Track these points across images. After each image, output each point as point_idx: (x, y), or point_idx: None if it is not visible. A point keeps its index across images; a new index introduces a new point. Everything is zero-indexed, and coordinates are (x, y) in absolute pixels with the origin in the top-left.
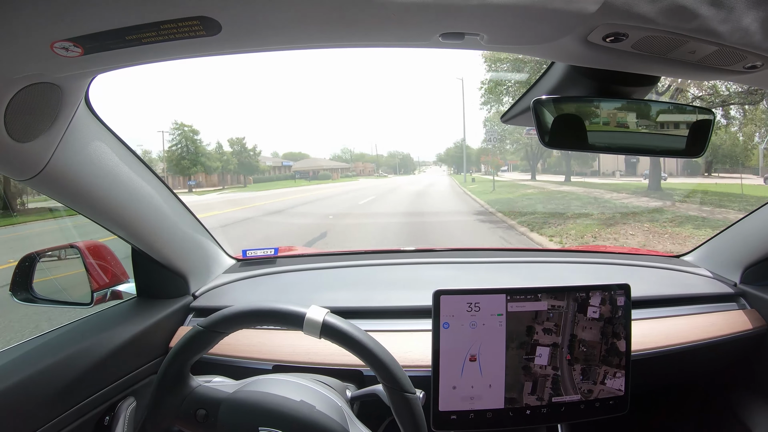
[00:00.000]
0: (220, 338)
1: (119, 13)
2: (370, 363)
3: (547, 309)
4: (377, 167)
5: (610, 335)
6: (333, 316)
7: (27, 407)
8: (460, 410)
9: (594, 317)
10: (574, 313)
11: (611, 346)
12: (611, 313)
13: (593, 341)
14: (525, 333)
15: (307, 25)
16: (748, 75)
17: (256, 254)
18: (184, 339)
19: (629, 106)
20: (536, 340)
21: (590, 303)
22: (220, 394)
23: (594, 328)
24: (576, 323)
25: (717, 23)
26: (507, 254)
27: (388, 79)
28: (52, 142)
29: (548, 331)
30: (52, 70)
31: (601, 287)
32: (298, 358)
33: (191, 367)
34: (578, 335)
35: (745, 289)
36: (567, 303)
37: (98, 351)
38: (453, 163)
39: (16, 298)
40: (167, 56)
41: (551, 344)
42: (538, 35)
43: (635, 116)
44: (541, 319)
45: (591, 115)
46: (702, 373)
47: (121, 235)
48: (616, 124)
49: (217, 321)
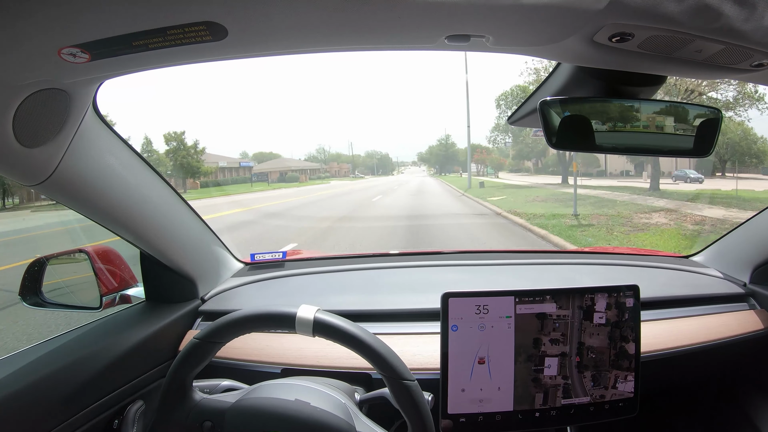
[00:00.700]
0: (218, 348)
1: (126, 19)
2: (365, 355)
3: (553, 318)
4: (353, 168)
5: (618, 339)
6: (324, 313)
7: (37, 410)
8: (469, 413)
9: (601, 323)
10: (580, 320)
11: (620, 349)
12: (618, 317)
13: (602, 347)
14: (532, 345)
15: (313, 29)
16: (755, 73)
17: (265, 258)
18: (183, 353)
19: (636, 106)
20: (544, 351)
21: (596, 309)
22: (223, 404)
23: (602, 334)
24: (583, 330)
25: (723, 21)
26: (514, 256)
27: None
28: (61, 147)
29: (555, 342)
30: (59, 76)
31: (609, 288)
32: (307, 361)
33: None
34: (586, 342)
35: (755, 289)
36: (572, 311)
37: (107, 354)
38: (436, 163)
39: (25, 303)
40: (174, 61)
41: (559, 354)
42: (544, 36)
43: (642, 116)
44: (547, 330)
45: (598, 116)
46: (712, 373)
47: (129, 239)
48: (623, 124)
49: (212, 332)
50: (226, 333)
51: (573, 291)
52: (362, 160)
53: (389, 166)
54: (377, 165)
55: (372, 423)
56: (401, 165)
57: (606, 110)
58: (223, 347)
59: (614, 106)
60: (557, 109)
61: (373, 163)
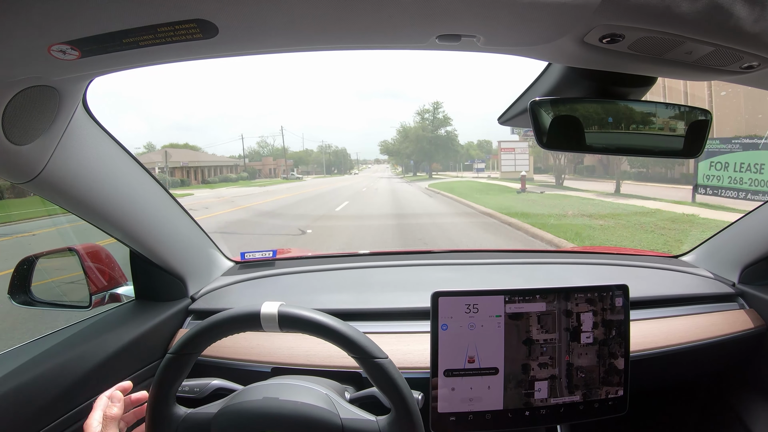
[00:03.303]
0: (194, 358)
1: (116, 16)
2: (334, 340)
3: (540, 343)
4: (292, 166)
5: (606, 356)
6: (287, 306)
7: (26, 411)
8: (459, 411)
9: (588, 342)
10: (567, 342)
11: (609, 366)
12: (605, 335)
13: (591, 366)
14: (521, 371)
15: (303, 27)
16: (744, 75)
17: (255, 257)
18: (160, 371)
19: (626, 106)
20: (533, 376)
21: (582, 329)
22: (208, 415)
23: (590, 353)
24: (571, 352)
25: (713, 24)
26: (505, 255)
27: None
28: (50, 144)
29: (544, 365)
30: (49, 73)
31: (599, 288)
32: (297, 360)
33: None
34: (575, 363)
35: (744, 289)
36: (559, 334)
37: (97, 354)
38: (414, 153)
39: (14, 301)
40: (164, 59)
41: (549, 377)
42: (535, 37)
43: (633, 117)
44: (535, 354)
45: (588, 116)
46: (701, 372)
47: (119, 238)
48: (614, 124)
49: (183, 344)
50: (198, 343)
51: (562, 290)
52: (314, 156)
53: (347, 163)
54: (330, 162)
55: (357, 409)
56: (363, 163)
57: (596, 111)
58: (213, 347)
59: (605, 107)
60: (548, 110)
61: (328, 159)
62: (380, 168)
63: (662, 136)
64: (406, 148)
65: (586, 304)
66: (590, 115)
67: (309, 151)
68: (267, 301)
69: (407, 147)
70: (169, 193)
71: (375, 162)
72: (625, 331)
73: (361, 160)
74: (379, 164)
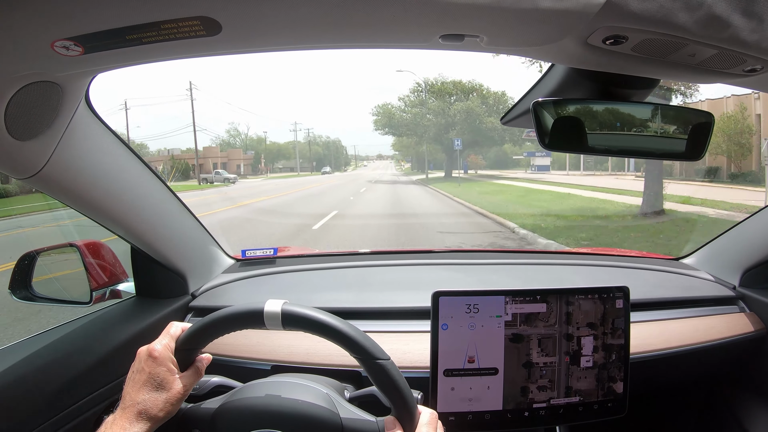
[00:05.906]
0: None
1: (120, 13)
2: (337, 340)
3: (540, 366)
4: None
5: (606, 380)
6: (291, 305)
7: (26, 405)
8: (458, 411)
9: (588, 366)
10: (567, 365)
11: (608, 390)
12: (605, 359)
13: (590, 389)
14: (520, 394)
15: (307, 26)
16: (748, 78)
17: (256, 254)
18: None
19: (629, 108)
20: (532, 399)
21: (583, 353)
22: (208, 410)
23: (589, 377)
24: (570, 375)
25: (717, 26)
26: (506, 256)
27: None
28: (52, 140)
29: (543, 389)
30: (52, 68)
31: (600, 289)
32: (297, 358)
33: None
34: (573, 386)
35: (745, 293)
36: (559, 358)
37: (97, 349)
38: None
39: (15, 297)
40: (167, 56)
41: (547, 400)
42: (538, 37)
43: (635, 118)
44: (534, 377)
45: (591, 117)
46: (701, 375)
47: (120, 234)
48: (616, 126)
49: (184, 340)
50: (200, 339)
51: (563, 291)
52: (301, 148)
53: (342, 158)
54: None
55: (357, 409)
56: (363, 159)
57: (599, 112)
58: (213, 344)
59: (607, 108)
60: (550, 110)
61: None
62: (382, 164)
63: (664, 138)
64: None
65: (587, 328)
66: (592, 116)
67: (295, 143)
68: (270, 299)
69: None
70: (171, 190)
71: (378, 158)
72: (625, 356)
73: (362, 156)
74: (381, 160)
